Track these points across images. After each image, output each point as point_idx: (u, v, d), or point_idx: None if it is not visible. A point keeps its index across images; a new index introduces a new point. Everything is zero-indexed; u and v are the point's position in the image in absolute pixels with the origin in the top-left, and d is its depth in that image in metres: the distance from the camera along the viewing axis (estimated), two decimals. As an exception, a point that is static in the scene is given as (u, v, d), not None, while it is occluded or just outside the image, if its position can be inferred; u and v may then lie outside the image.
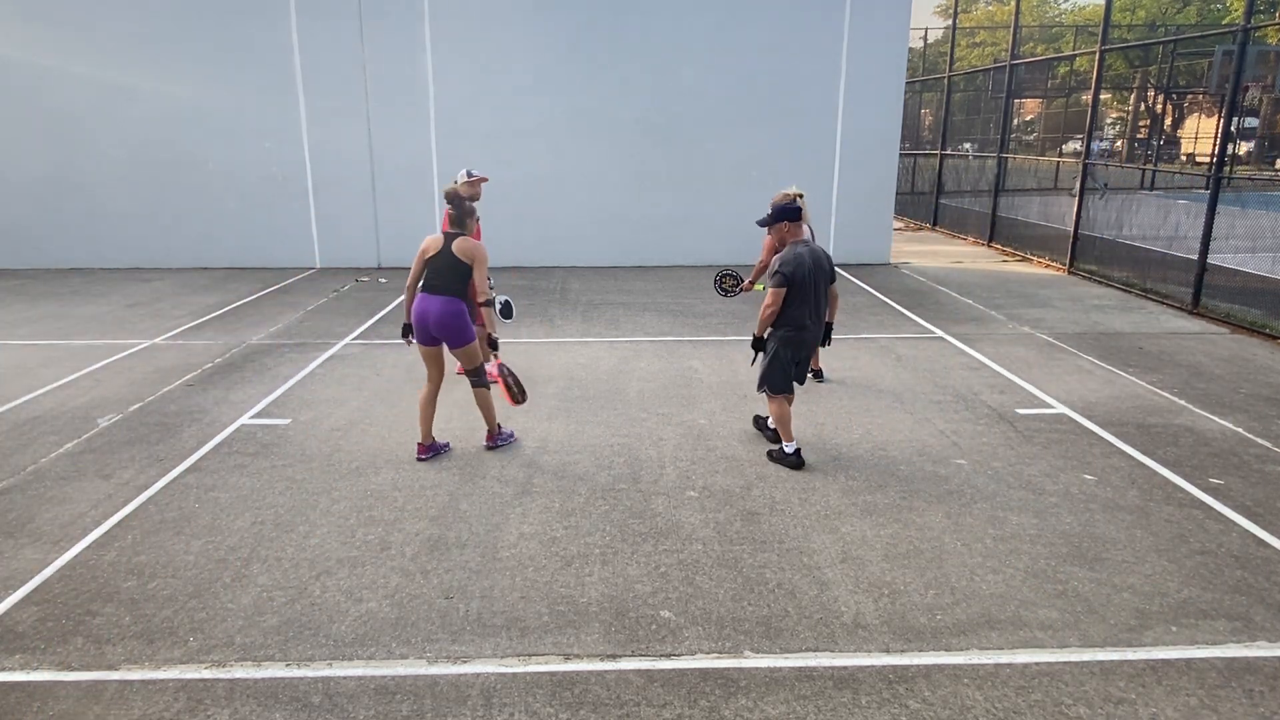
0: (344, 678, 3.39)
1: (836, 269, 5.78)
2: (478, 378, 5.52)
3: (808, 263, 5.23)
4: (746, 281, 6.85)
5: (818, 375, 7.34)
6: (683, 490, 5.13)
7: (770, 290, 5.24)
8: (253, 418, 6.41)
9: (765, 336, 5.41)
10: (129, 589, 4.04)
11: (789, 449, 5.42)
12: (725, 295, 6.98)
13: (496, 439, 5.80)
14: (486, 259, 5.31)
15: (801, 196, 6.67)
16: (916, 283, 11.99)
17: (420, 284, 5.33)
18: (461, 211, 5.35)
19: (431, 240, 5.33)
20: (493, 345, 5.43)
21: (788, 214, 5.44)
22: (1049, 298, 10.89)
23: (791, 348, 5.36)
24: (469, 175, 7.29)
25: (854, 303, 10.59)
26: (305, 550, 4.40)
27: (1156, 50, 27.26)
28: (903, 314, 9.97)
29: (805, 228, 6.76)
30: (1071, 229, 12.67)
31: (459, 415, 6.43)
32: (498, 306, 5.46)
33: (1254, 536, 4.54)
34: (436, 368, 5.51)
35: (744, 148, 13.13)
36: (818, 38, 12.83)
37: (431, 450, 5.61)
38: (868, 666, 3.46)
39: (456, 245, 5.25)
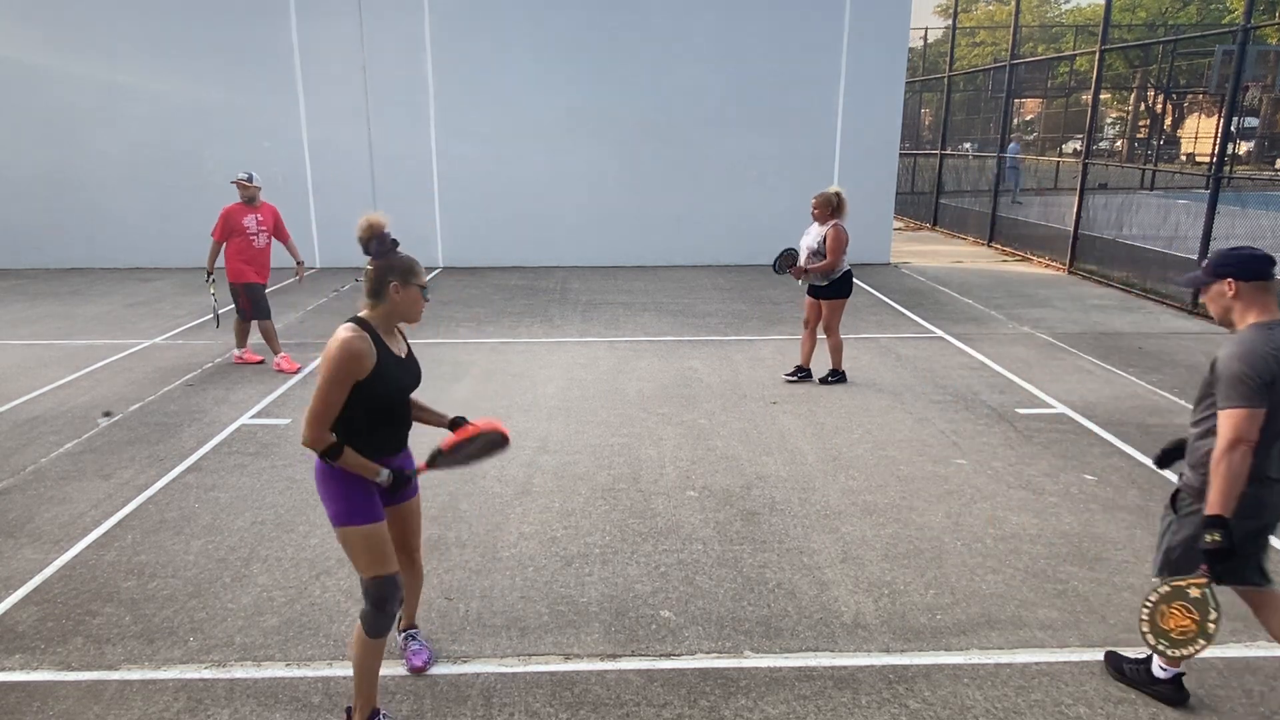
0: (344, 678, 3.39)
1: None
2: (364, 598, 2.97)
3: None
4: (799, 266, 6.81)
5: (805, 374, 7.31)
6: (683, 490, 5.13)
7: (1229, 413, 2.84)
8: (253, 417, 6.41)
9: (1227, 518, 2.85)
10: (129, 589, 4.03)
11: (1164, 672, 3.23)
12: (776, 271, 6.95)
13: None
14: (334, 371, 2.77)
15: (839, 194, 6.85)
16: (916, 283, 11.99)
17: None
18: (381, 271, 2.91)
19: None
20: (397, 484, 2.98)
21: (1256, 269, 2.90)
22: (1049, 298, 10.89)
23: (1255, 513, 2.95)
24: (250, 178, 7.53)
25: (854, 303, 10.54)
26: (305, 550, 4.40)
27: (1156, 50, 27.26)
28: (903, 314, 9.97)
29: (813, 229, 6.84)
30: (1071, 229, 12.66)
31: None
32: (384, 478, 2.89)
33: (1254, 536, 4.54)
34: (391, 527, 3.05)
35: (744, 147, 13.13)
36: (818, 38, 12.83)
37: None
38: (868, 666, 3.46)
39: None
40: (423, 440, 3.21)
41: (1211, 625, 2.84)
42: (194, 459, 5.61)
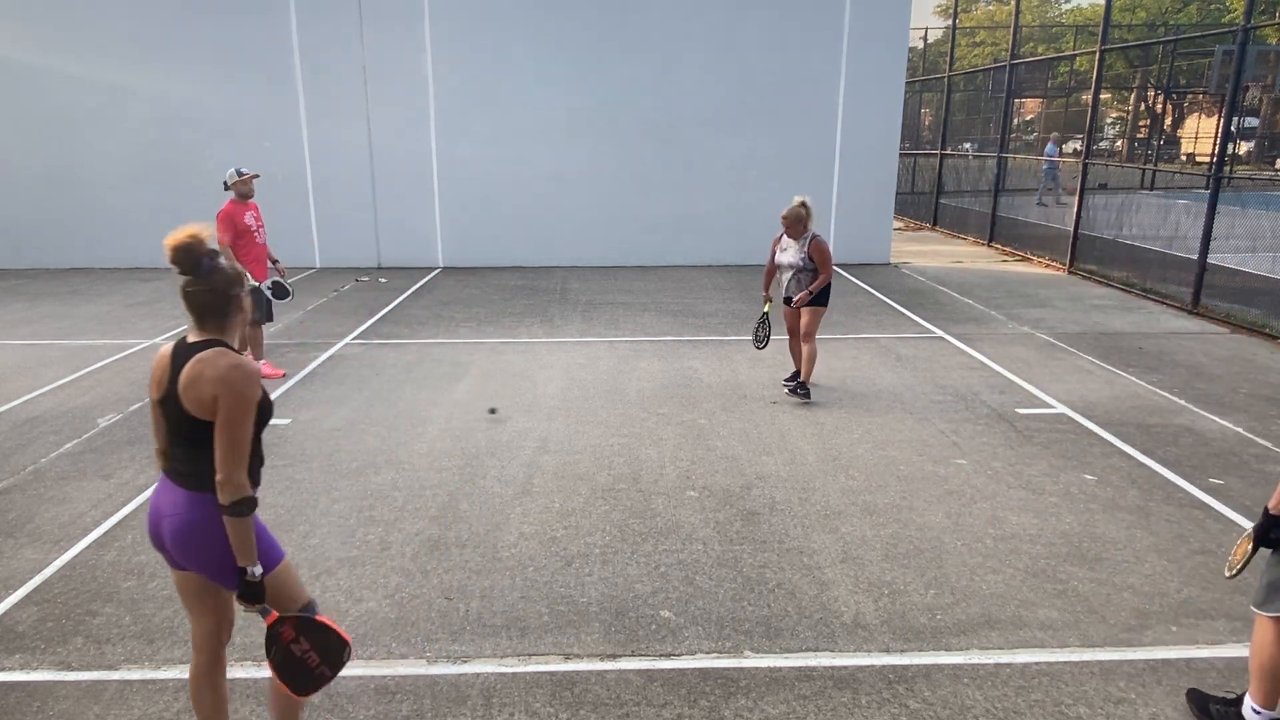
0: (344, 678, 3.38)
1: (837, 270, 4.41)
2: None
3: None
4: (798, 298, 6.75)
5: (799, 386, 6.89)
6: (683, 490, 5.13)
7: None
8: (253, 418, 6.40)
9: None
10: (129, 589, 4.03)
11: (1256, 715, 3.06)
12: (761, 346, 7.27)
13: None
14: (248, 403, 2.48)
15: (805, 204, 6.72)
16: (916, 283, 11.98)
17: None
18: (224, 285, 2.58)
19: (159, 359, 2.64)
20: (246, 593, 2.53)
21: None
22: (1049, 298, 10.89)
23: None
24: (239, 174, 7.20)
25: (854, 303, 10.58)
26: (305, 550, 4.40)
27: (1156, 50, 27.25)
28: (903, 314, 9.97)
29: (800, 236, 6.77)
30: (1071, 229, 12.66)
31: (459, 415, 6.43)
32: (222, 505, 2.47)
33: (1254, 536, 4.54)
34: (206, 614, 2.76)
35: (744, 148, 13.13)
36: (818, 38, 12.83)
37: None
38: (868, 666, 3.46)
39: (188, 376, 2.47)
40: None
41: None
42: (194, 459, 5.60)
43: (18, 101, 12.60)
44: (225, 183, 7.34)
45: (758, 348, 7.35)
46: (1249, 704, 3.05)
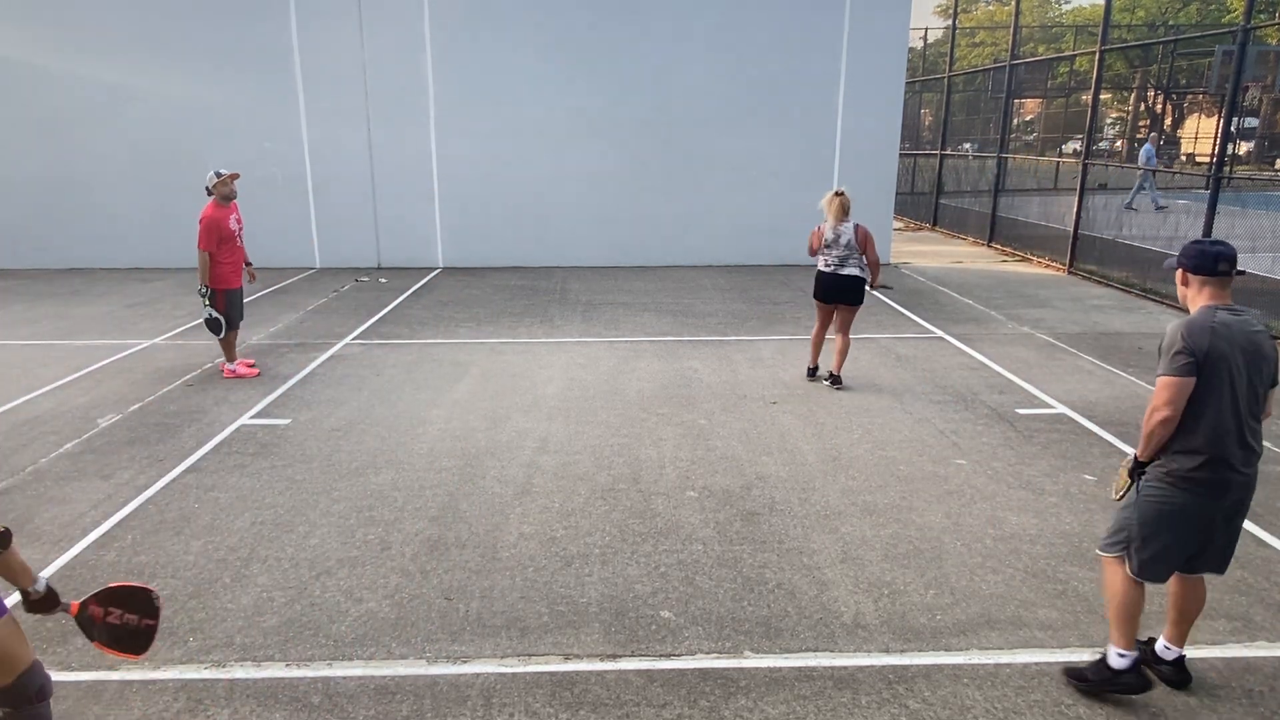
0: (344, 678, 3.39)
1: None
2: (12, 706, 2.59)
3: (1227, 344, 2.97)
4: (875, 282, 7.12)
5: (835, 380, 7.11)
6: (683, 490, 5.13)
7: (1158, 379, 3.05)
8: (252, 418, 6.41)
9: (1146, 462, 3.15)
10: (129, 589, 4.03)
11: (1120, 659, 3.20)
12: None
13: None
14: None
15: (841, 194, 7.01)
16: (916, 283, 11.98)
17: None
18: None
19: None
20: (39, 608, 2.68)
21: (1198, 263, 3.10)
22: (1049, 298, 10.89)
23: (1196, 501, 3.05)
24: (218, 175, 7.10)
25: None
26: (305, 550, 4.40)
27: (1156, 50, 27.26)
28: (903, 314, 9.97)
29: (840, 225, 7.05)
30: (1071, 229, 12.66)
31: (459, 415, 6.43)
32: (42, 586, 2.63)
33: (1254, 536, 4.54)
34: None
35: (744, 148, 13.12)
36: (818, 38, 12.83)
37: None
38: (868, 666, 3.46)
39: None
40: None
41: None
42: (194, 459, 5.61)
43: (17, 101, 12.60)
44: (207, 187, 7.12)
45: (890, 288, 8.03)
46: (1112, 650, 3.21)
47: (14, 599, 2.52)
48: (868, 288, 7.08)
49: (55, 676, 3.38)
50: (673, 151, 13.16)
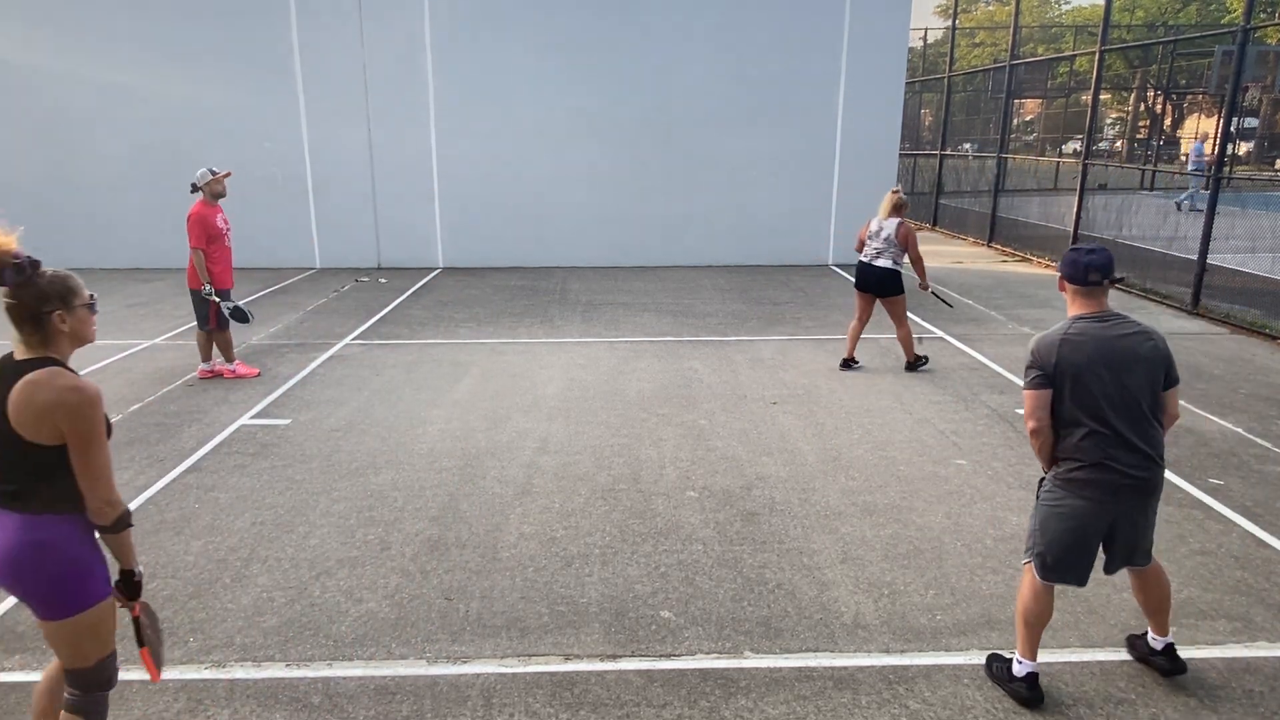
0: (344, 678, 3.39)
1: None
2: (81, 689, 2.57)
3: (1081, 354, 3.05)
4: (921, 282, 7.50)
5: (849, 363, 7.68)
6: (683, 490, 5.13)
7: (1023, 392, 3.18)
8: (253, 418, 6.41)
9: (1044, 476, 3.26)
10: (129, 589, 4.03)
11: (1019, 666, 3.27)
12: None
13: None
14: (99, 424, 2.37)
15: (896, 192, 7.43)
16: (916, 282, 11.95)
17: None
18: (33, 301, 2.43)
19: None
20: (131, 590, 2.59)
21: (1071, 273, 3.22)
22: (1049, 298, 10.89)
23: (1085, 503, 3.09)
24: (212, 173, 7.09)
25: (854, 303, 10.57)
26: (305, 550, 4.40)
27: (1156, 50, 27.26)
28: (903, 314, 9.96)
29: (885, 220, 7.40)
30: (1071, 229, 12.66)
31: (459, 415, 6.43)
32: (104, 528, 2.46)
33: (1254, 537, 4.54)
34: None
35: (744, 148, 13.13)
36: (818, 38, 12.83)
37: None
38: (868, 666, 3.46)
39: (19, 398, 2.32)
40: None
41: None
42: (194, 459, 5.61)
43: (18, 102, 12.60)
44: (195, 184, 7.05)
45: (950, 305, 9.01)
46: (1015, 656, 3.31)
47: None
48: (920, 288, 7.55)
49: (55, 677, 3.38)
50: (673, 151, 13.16)
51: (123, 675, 3.38)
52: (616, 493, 5.09)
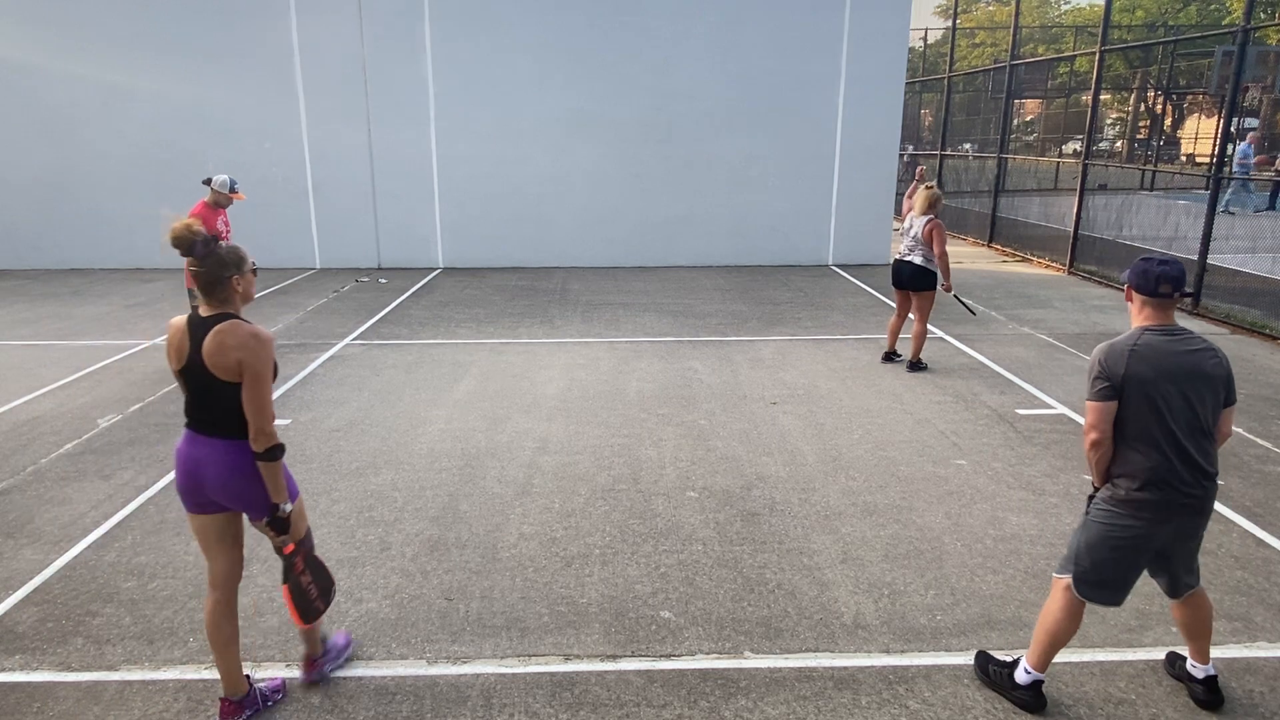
0: (344, 678, 3.39)
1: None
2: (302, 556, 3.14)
3: (1149, 367, 2.97)
4: (943, 284, 7.42)
5: (892, 357, 7.85)
6: (683, 491, 5.13)
7: (1087, 404, 3.07)
8: (253, 418, 6.40)
9: (1097, 489, 3.13)
10: (129, 589, 4.03)
11: (1026, 675, 3.22)
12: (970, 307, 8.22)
13: (318, 666, 3.38)
14: (269, 365, 2.93)
15: (930, 188, 7.50)
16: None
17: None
18: (216, 268, 2.92)
19: (174, 331, 2.97)
20: (277, 525, 3.00)
21: (1139, 283, 3.11)
22: (1049, 298, 10.89)
23: (1140, 524, 2.99)
24: (232, 188, 7.17)
25: (854, 303, 10.59)
26: (305, 550, 4.40)
27: (1156, 50, 27.25)
28: (903, 314, 9.96)
29: (918, 217, 7.52)
30: (1071, 229, 12.66)
31: (459, 415, 6.43)
32: (257, 454, 2.94)
33: (1254, 537, 4.54)
34: (224, 554, 3.12)
35: (744, 148, 13.13)
36: (818, 38, 12.83)
37: (247, 708, 3.16)
38: (868, 667, 3.46)
39: (211, 345, 2.85)
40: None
41: None
42: (194, 459, 5.60)
43: (17, 102, 12.60)
44: (209, 180, 7.26)
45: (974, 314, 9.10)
46: (1023, 664, 3.24)
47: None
48: (943, 288, 7.45)
49: (54, 677, 3.39)
50: (673, 151, 13.17)
51: (123, 675, 3.40)
52: (616, 493, 5.09)
